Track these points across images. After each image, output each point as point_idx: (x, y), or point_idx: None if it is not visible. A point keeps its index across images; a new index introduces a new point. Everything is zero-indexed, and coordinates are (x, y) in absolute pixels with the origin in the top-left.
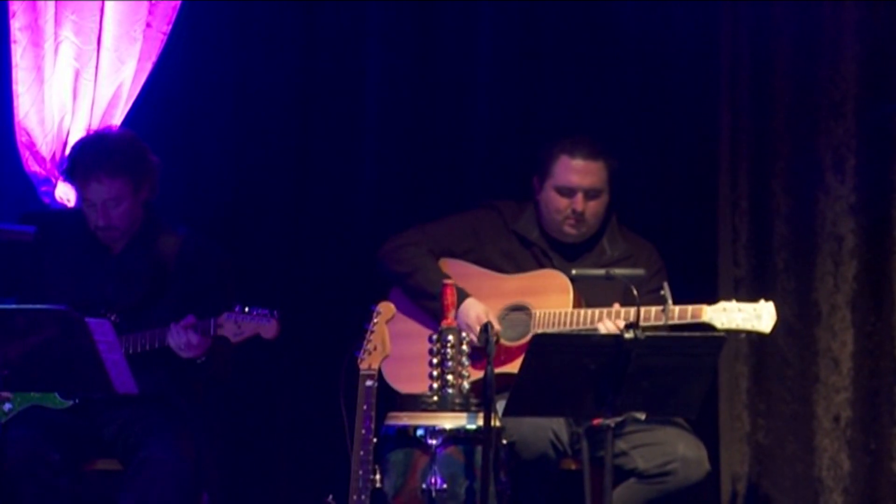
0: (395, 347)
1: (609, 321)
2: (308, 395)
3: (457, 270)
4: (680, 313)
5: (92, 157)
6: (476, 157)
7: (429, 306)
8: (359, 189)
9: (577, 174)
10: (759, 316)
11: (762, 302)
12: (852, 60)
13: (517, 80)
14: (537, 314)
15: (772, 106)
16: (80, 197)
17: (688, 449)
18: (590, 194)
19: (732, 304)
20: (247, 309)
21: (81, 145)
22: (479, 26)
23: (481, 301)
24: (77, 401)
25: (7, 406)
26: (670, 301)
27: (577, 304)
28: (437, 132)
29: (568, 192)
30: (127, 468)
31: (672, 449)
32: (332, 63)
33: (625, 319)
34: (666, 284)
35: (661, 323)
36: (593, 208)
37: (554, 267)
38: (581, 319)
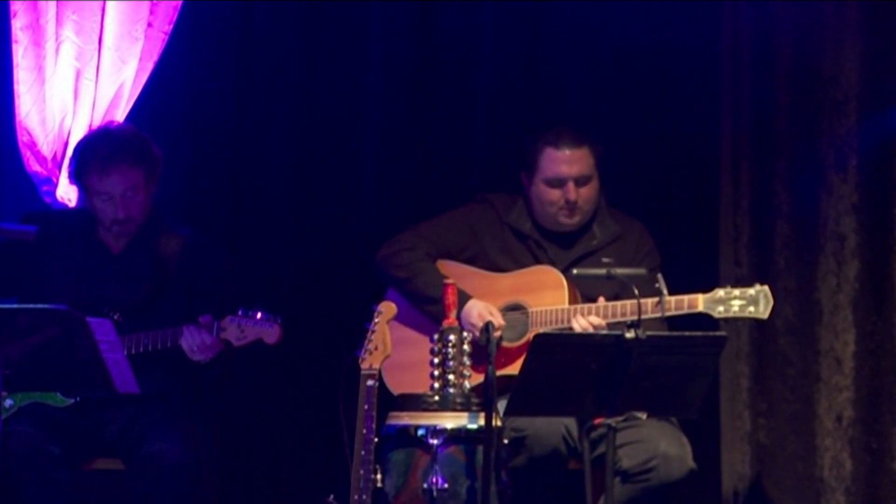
0: (395, 354)
1: (582, 318)
2: (309, 395)
3: (451, 272)
4: (676, 304)
5: (109, 149)
6: (477, 155)
7: (430, 310)
8: (360, 187)
9: (564, 164)
10: (755, 301)
11: (757, 286)
12: (854, 59)
13: (518, 79)
14: (534, 312)
15: (773, 105)
16: (94, 193)
17: (669, 446)
18: (580, 182)
19: (728, 291)
20: (250, 313)
21: (90, 141)
22: (480, 23)
23: (490, 305)
24: (78, 399)
25: (8, 402)
26: (665, 292)
27: (573, 298)
28: (438, 131)
29: (558, 182)
30: (130, 465)
31: (654, 446)
32: (333, 63)
33: (598, 314)
34: (661, 276)
35: (657, 315)
36: (585, 195)
37: (549, 257)
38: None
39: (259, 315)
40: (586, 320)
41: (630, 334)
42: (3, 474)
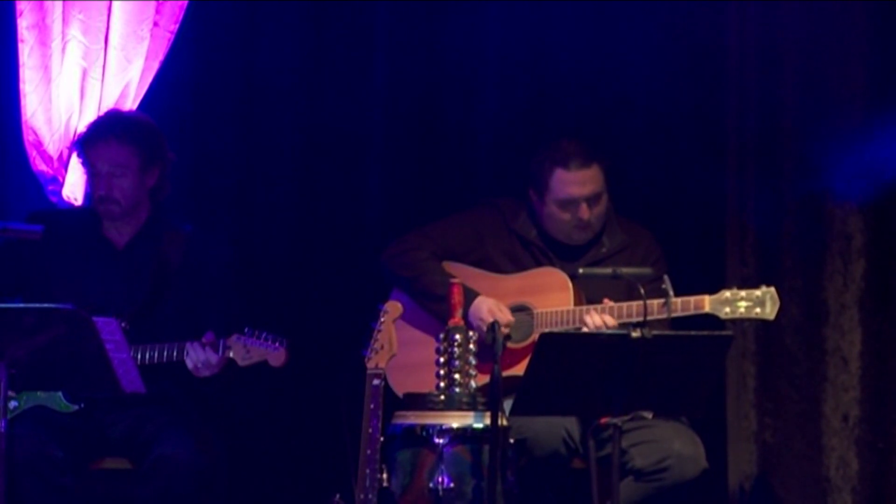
0: (399, 355)
1: (596, 315)
2: (315, 394)
3: (457, 273)
4: (682, 305)
5: (108, 123)
6: (483, 158)
7: (436, 309)
8: (367, 186)
9: (576, 185)
10: (762, 303)
11: (763, 288)
12: (860, 58)
13: (525, 84)
14: (539, 314)
15: (779, 104)
16: (87, 166)
17: (683, 446)
18: (592, 201)
19: (734, 293)
20: (256, 332)
21: (101, 116)
22: (485, 26)
23: (500, 302)
24: (82, 405)
25: (13, 404)
26: (671, 294)
27: (579, 300)
28: (444, 132)
29: (570, 203)
30: (140, 466)
31: (668, 446)
32: (339, 62)
33: (611, 314)
34: (667, 277)
35: (663, 316)
36: (597, 212)
37: (553, 266)
38: (584, 317)
39: (265, 336)
40: (600, 318)
41: (636, 333)
42: (7, 479)
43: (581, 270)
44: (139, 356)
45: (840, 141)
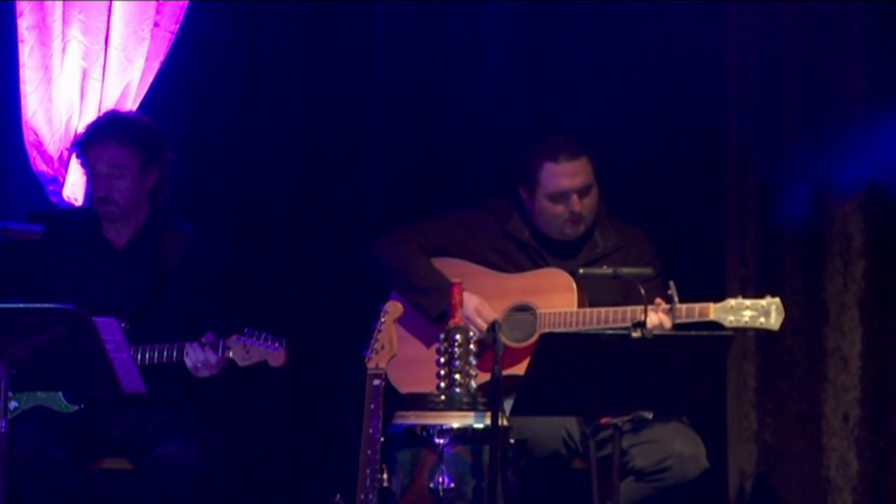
0: (401, 351)
1: (654, 315)
2: (316, 394)
3: (457, 270)
4: (687, 312)
5: (106, 124)
6: (483, 158)
7: (419, 302)
8: (366, 186)
9: (566, 177)
10: (766, 313)
11: (769, 298)
12: (860, 58)
13: (524, 84)
14: (542, 314)
15: (780, 104)
16: (86, 167)
17: (684, 446)
18: (582, 192)
19: (739, 302)
20: (256, 333)
21: (99, 117)
22: (487, 22)
23: (485, 301)
24: (82, 405)
25: (13, 404)
26: (676, 300)
27: (581, 302)
28: (444, 132)
29: (561, 196)
30: (140, 466)
31: (668, 446)
32: (339, 62)
33: (668, 315)
34: (672, 283)
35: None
36: (588, 204)
37: (549, 266)
38: (587, 319)
39: (265, 336)
40: (658, 317)
41: (636, 333)
42: (6, 479)
43: (581, 271)
44: (139, 356)
45: (840, 141)
